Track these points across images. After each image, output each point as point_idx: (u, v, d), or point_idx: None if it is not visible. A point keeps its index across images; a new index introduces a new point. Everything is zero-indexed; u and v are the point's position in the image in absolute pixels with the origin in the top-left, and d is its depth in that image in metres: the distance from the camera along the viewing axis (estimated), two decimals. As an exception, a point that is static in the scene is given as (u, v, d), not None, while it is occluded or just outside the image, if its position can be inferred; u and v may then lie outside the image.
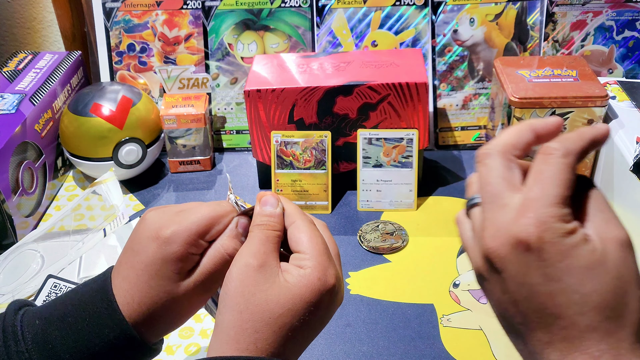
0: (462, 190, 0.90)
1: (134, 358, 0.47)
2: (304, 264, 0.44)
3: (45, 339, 0.45)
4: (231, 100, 1.01)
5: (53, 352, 0.45)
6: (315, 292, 0.43)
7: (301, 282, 0.43)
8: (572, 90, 0.80)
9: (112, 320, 0.46)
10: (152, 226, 0.47)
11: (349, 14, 0.97)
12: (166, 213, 0.48)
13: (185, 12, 0.98)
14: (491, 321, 0.68)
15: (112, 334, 0.46)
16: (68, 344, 0.45)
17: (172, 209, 0.48)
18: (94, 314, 0.46)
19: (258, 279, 0.43)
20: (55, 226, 0.81)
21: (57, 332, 0.45)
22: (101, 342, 0.45)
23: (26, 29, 1.17)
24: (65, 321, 0.46)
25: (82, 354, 0.45)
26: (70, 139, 0.89)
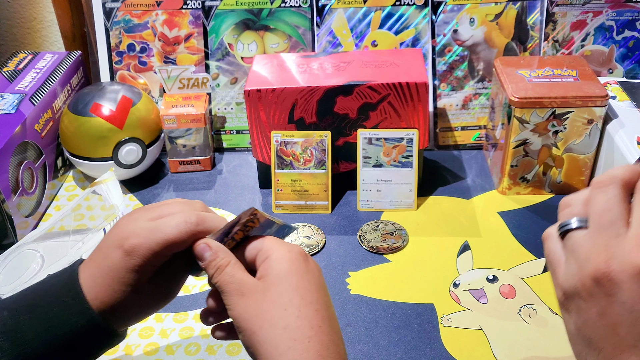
0: (462, 190, 0.90)
1: (102, 343, 0.50)
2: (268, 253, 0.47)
3: (15, 328, 0.47)
4: (231, 100, 1.01)
5: (24, 340, 0.46)
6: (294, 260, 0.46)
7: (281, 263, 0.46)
8: (572, 90, 0.80)
9: (80, 309, 0.48)
10: (120, 234, 0.49)
11: (349, 14, 0.97)
12: (137, 221, 0.50)
13: (185, 12, 0.98)
14: (491, 321, 0.68)
15: (80, 322, 0.47)
16: (38, 332, 0.47)
17: (145, 215, 0.50)
18: (63, 303, 0.48)
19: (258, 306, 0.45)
20: (55, 226, 0.81)
21: (27, 321, 0.47)
22: (71, 330, 0.47)
23: (26, 29, 1.17)
24: (34, 311, 0.48)
25: (53, 341, 0.47)
26: (70, 138, 0.89)
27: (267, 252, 0.47)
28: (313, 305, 0.45)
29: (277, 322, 0.44)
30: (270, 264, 0.46)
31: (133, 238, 0.48)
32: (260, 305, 0.45)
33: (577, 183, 0.87)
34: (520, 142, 0.84)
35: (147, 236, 0.48)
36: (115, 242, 0.49)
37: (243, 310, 0.45)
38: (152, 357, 0.66)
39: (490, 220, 0.84)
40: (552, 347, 0.65)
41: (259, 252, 0.48)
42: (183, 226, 0.48)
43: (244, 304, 0.46)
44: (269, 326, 0.44)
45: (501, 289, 0.72)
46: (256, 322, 0.44)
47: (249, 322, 0.45)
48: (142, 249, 0.48)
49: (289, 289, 0.45)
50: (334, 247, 0.80)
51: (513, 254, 0.78)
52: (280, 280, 0.46)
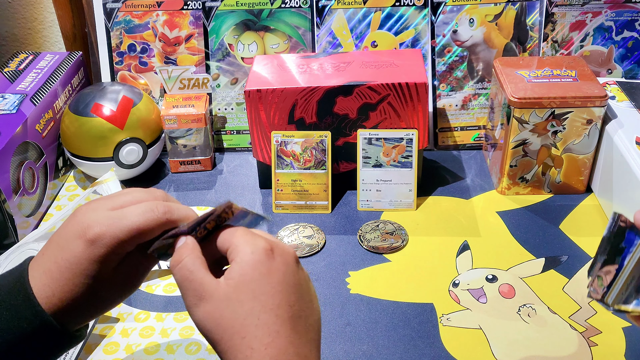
0: (462, 190, 0.90)
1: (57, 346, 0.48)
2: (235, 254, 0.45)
3: None
4: (231, 100, 1.01)
5: None
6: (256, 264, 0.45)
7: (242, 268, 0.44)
8: (572, 91, 0.81)
9: (31, 312, 0.45)
10: (80, 224, 0.46)
11: (349, 15, 0.97)
12: (97, 210, 0.47)
13: (186, 12, 0.98)
14: (490, 320, 0.68)
15: (30, 327, 0.45)
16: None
17: (105, 205, 0.48)
18: (11, 307, 0.45)
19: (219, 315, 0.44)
20: (56, 226, 0.81)
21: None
22: (19, 334, 0.45)
23: (27, 30, 1.17)
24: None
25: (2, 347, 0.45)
26: (71, 139, 0.89)
27: (234, 252, 0.46)
28: (273, 311, 0.44)
29: (237, 332, 0.43)
30: (234, 267, 0.45)
31: (96, 227, 0.46)
32: (221, 314, 0.44)
33: (576, 183, 0.87)
34: (519, 142, 0.84)
35: (112, 224, 0.46)
36: (75, 233, 0.46)
37: (204, 318, 0.44)
38: (153, 356, 0.66)
39: (490, 220, 0.84)
40: (552, 347, 0.65)
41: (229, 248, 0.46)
42: (150, 214, 0.47)
43: (204, 310, 0.44)
44: (229, 337, 0.43)
45: (500, 288, 0.73)
46: (217, 332, 0.44)
47: (211, 333, 0.44)
48: (106, 237, 0.45)
49: (249, 297, 0.44)
50: (334, 247, 0.80)
51: (512, 254, 0.78)
52: (242, 287, 0.44)
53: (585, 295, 0.71)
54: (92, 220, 0.46)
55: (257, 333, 0.43)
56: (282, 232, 0.83)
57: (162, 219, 0.47)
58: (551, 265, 0.76)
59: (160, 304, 0.73)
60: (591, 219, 0.83)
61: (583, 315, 0.69)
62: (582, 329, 0.67)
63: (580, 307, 0.70)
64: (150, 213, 0.47)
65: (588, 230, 0.81)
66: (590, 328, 0.67)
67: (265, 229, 0.84)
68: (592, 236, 0.80)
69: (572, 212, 0.85)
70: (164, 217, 0.47)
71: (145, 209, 0.47)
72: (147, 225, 0.46)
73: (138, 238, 0.47)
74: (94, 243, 0.45)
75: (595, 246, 0.78)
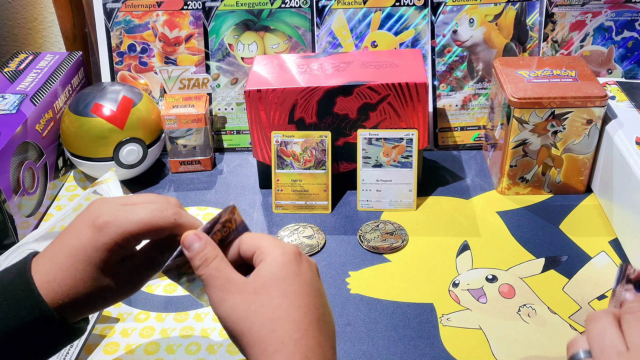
0: (462, 190, 0.90)
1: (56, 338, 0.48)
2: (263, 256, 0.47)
3: None
4: (231, 100, 1.01)
5: None
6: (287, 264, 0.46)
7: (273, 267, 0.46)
8: (572, 91, 0.81)
9: (30, 301, 0.46)
10: (91, 213, 0.48)
11: (349, 15, 0.97)
12: (110, 203, 0.49)
13: (186, 12, 0.98)
14: (490, 320, 0.68)
15: (30, 316, 0.46)
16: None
17: (118, 201, 0.49)
18: (11, 296, 0.46)
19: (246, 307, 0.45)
20: (56, 226, 0.81)
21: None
22: (19, 325, 0.46)
23: (27, 30, 1.17)
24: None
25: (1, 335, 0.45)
26: (71, 139, 0.89)
27: (263, 253, 0.47)
28: (301, 309, 0.45)
29: (266, 325, 0.44)
30: (264, 266, 0.46)
31: (105, 215, 0.47)
32: (248, 307, 0.45)
33: (576, 183, 0.87)
34: (519, 142, 0.84)
35: (121, 215, 0.48)
36: (84, 221, 0.48)
37: (231, 311, 0.45)
38: (153, 356, 0.66)
39: (490, 220, 0.84)
40: (551, 347, 0.65)
41: (257, 251, 0.48)
42: (158, 213, 0.48)
43: (231, 303, 0.45)
44: (257, 329, 0.44)
45: (500, 288, 0.73)
46: (245, 323, 0.45)
47: (238, 324, 0.45)
48: (113, 226, 0.47)
49: (279, 294, 0.45)
50: (334, 247, 0.80)
51: (512, 254, 0.78)
52: (271, 284, 0.46)
53: (584, 296, 0.71)
54: (102, 210, 0.48)
55: (287, 327, 0.44)
56: (282, 232, 0.83)
57: (170, 219, 0.48)
58: (551, 265, 0.76)
59: (160, 304, 0.73)
60: (591, 219, 0.83)
61: (583, 315, 0.69)
62: (582, 329, 0.67)
63: (580, 307, 0.70)
64: (159, 212, 0.48)
65: (588, 230, 0.81)
66: (590, 328, 0.67)
67: (265, 231, 0.84)
68: (592, 236, 0.80)
69: (572, 212, 0.85)
70: (171, 217, 0.49)
71: (155, 207, 0.49)
72: (154, 222, 0.48)
73: (144, 233, 0.48)
74: (100, 230, 0.47)
75: (595, 246, 0.78)
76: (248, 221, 0.86)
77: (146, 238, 0.49)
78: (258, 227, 0.84)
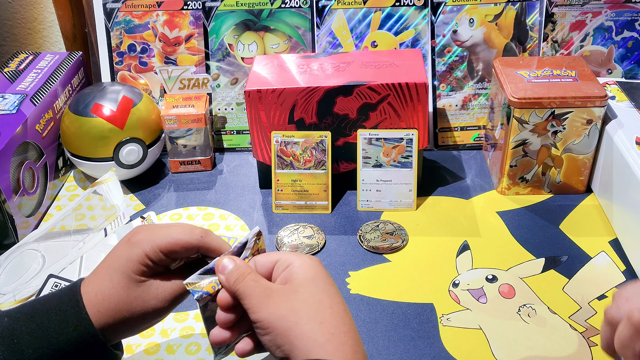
0: (462, 190, 0.90)
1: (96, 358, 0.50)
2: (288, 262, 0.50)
3: (11, 335, 0.48)
4: (231, 100, 1.01)
5: (17, 348, 0.48)
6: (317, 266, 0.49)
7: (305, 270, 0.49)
8: (572, 91, 0.81)
9: (77, 319, 0.49)
10: (129, 234, 0.53)
11: (349, 15, 0.97)
12: (147, 226, 0.54)
13: (186, 12, 0.98)
14: (490, 320, 0.68)
15: (75, 333, 0.49)
16: (33, 340, 0.48)
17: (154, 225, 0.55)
18: (60, 311, 0.49)
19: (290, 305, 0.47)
20: (56, 226, 0.81)
21: (24, 328, 0.48)
22: (65, 339, 0.48)
23: (27, 30, 1.17)
24: (32, 318, 0.49)
25: (45, 349, 0.48)
26: (71, 139, 0.89)
27: (287, 261, 0.50)
28: (340, 305, 0.47)
29: (314, 317, 0.46)
30: (295, 269, 0.49)
31: (140, 234, 0.52)
32: (292, 304, 0.47)
33: (576, 183, 0.87)
34: (519, 142, 0.84)
35: (154, 233, 0.52)
36: (123, 240, 0.53)
37: (273, 311, 0.47)
38: (153, 356, 0.66)
39: (490, 220, 0.84)
40: (551, 347, 0.65)
41: (277, 263, 0.50)
42: (188, 231, 0.52)
43: (273, 305, 0.47)
44: (305, 321, 0.46)
45: (500, 288, 0.73)
46: (291, 319, 0.46)
47: (282, 321, 0.46)
48: (145, 241, 0.51)
49: (318, 291, 0.47)
50: (334, 247, 0.80)
51: (512, 254, 0.78)
52: (309, 282, 0.48)
53: (584, 296, 0.71)
54: (138, 229, 0.53)
55: (333, 320, 0.46)
56: (282, 232, 0.83)
57: (197, 236, 0.52)
58: (551, 265, 0.76)
59: (160, 304, 0.73)
60: (591, 219, 0.83)
61: (583, 315, 0.69)
62: (582, 329, 0.67)
63: (580, 307, 0.70)
64: (189, 231, 0.52)
65: (588, 230, 0.81)
66: (590, 328, 0.67)
67: (265, 231, 0.84)
68: (592, 236, 0.80)
69: (572, 212, 0.85)
70: (199, 236, 0.52)
71: (185, 228, 0.53)
72: (182, 237, 0.52)
73: (173, 249, 0.52)
74: (134, 244, 0.51)
75: (595, 246, 0.78)
76: (248, 221, 0.86)
77: (176, 254, 0.52)
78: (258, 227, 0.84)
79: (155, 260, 0.51)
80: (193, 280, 0.50)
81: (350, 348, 0.45)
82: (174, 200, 0.90)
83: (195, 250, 0.53)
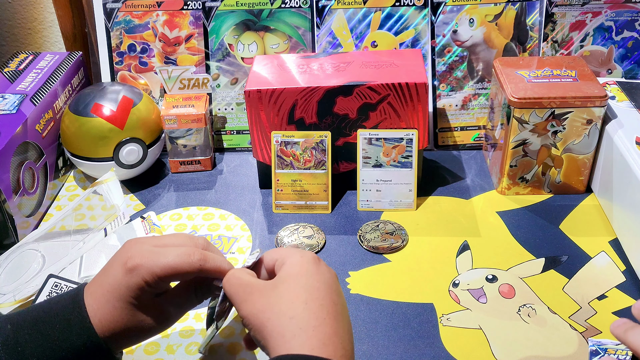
0: (462, 190, 0.90)
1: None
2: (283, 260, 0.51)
3: (15, 343, 0.48)
4: (231, 100, 1.01)
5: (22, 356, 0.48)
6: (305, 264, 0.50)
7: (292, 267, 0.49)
8: (572, 91, 0.81)
9: (81, 327, 0.49)
10: (125, 254, 0.52)
11: (349, 15, 0.97)
12: (142, 244, 0.53)
13: (186, 12, 0.98)
14: (490, 320, 0.68)
15: (79, 341, 0.49)
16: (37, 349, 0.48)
17: (150, 242, 0.53)
18: (64, 320, 0.49)
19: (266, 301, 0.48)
20: (56, 226, 0.81)
21: (28, 336, 0.48)
22: (68, 348, 0.49)
23: (27, 30, 1.17)
24: (36, 326, 0.49)
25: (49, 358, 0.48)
26: (71, 139, 0.89)
27: (283, 258, 0.51)
28: (319, 301, 0.47)
29: (285, 313, 0.46)
30: (284, 267, 0.50)
31: (136, 258, 0.51)
32: (268, 300, 0.47)
33: (576, 183, 0.87)
34: (519, 142, 0.84)
35: (150, 258, 0.51)
36: (119, 261, 0.52)
37: (251, 308, 0.48)
38: (153, 356, 0.66)
39: (490, 220, 0.84)
40: (551, 347, 0.65)
41: (278, 259, 0.51)
42: (186, 257, 0.52)
43: (252, 301, 0.48)
44: (276, 317, 0.46)
45: (500, 288, 0.73)
46: (264, 314, 0.47)
47: (258, 316, 0.47)
48: (143, 269, 0.50)
49: (297, 286, 0.48)
50: (334, 247, 0.80)
51: (512, 254, 0.78)
52: (290, 279, 0.48)
53: (584, 296, 0.71)
54: (134, 252, 0.52)
55: (304, 315, 0.46)
56: (282, 232, 0.83)
57: (196, 265, 0.52)
58: (551, 265, 0.76)
59: (160, 304, 0.73)
60: (591, 219, 0.83)
61: (583, 315, 0.69)
62: (582, 329, 0.67)
63: (580, 307, 0.70)
64: (187, 257, 0.52)
65: (588, 230, 0.81)
66: (590, 328, 0.67)
67: (265, 231, 0.84)
68: (592, 236, 0.80)
69: (572, 212, 0.85)
70: (197, 263, 0.52)
71: (183, 252, 0.52)
72: (181, 266, 0.51)
73: (171, 276, 0.51)
74: (131, 272, 0.51)
75: (595, 246, 0.78)
76: (248, 221, 0.86)
77: (174, 280, 0.53)
78: (258, 227, 0.84)
79: (153, 285, 0.51)
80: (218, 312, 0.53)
81: (318, 342, 0.45)
82: (174, 200, 0.90)
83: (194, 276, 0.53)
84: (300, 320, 0.46)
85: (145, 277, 0.51)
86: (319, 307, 0.47)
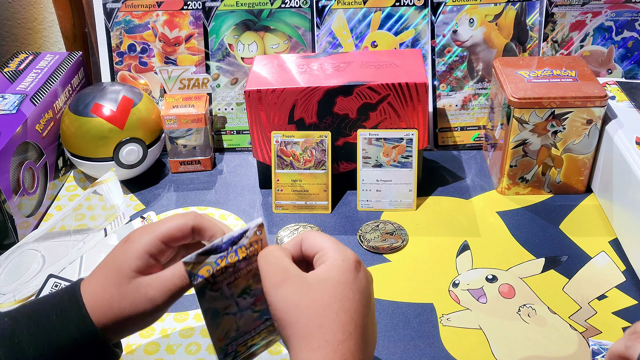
0: (462, 190, 0.90)
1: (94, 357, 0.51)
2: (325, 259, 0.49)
3: (12, 335, 0.48)
4: (231, 100, 1.01)
5: (18, 348, 0.48)
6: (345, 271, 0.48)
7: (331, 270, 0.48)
8: (572, 91, 0.81)
9: (77, 317, 0.49)
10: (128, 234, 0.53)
11: (349, 15, 0.97)
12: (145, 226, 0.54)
13: (186, 12, 0.98)
14: (490, 320, 0.68)
15: (76, 331, 0.49)
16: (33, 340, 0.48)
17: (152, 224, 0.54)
18: (61, 310, 0.50)
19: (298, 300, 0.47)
20: (56, 226, 0.81)
21: (25, 328, 0.49)
22: (65, 338, 0.49)
23: (27, 30, 1.17)
24: (33, 318, 0.49)
25: (46, 348, 0.48)
26: (71, 139, 0.89)
27: (325, 256, 0.50)
28: (350, 313, 0.47)
29: (315, 320, 0.46)
30: (323, 267, 0.49)
31: (136, 232, 0.52)
32: (300, 299, 0.47)
33: (576, 183, 0.87)
34: (519, 142, 0.84)
35: (147, 229, 0.52)
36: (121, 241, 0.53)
37: (282, 299, 0.47)
38: (153, 356, 0.66)
39: (490, 220, 0.84)
40: (551, 347, 0.65)
41: (320, 252, 0.50)
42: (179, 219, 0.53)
43: (284, 292, 0.47)
44: (305, 322, 0.46)
45: (500, 288, 0.73)
46: (294, 315, 0.46)
47: (287, 313, 0.47)
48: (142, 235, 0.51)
49: (332, 294, 0.47)
50: (334, 247, 0.80)
51: (512, 254, 0.78)
52: (327, 284, 0.48)
53: (584, 296, 0.71)
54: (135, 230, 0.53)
55: (333, 327, 0.46)
56: (282, 232, 0.83)
57: (189, 224, 0.52)
58: (551, 265, 0.76)
59: (160, 304, 0.73)
60: (591, 219, 0.83)
61: (583, 315, 0.69)
62: (582, 329, 0.67)
63: (580, 307, 0.70)
64: (181, 219, 0.53)
65: (588, 230, 0.81)
66: (590, 328, 0.67)
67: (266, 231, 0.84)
68: (592, 236, 0.80)
69: (572, 212, 0.85)
70: (191, 222, 0.52)
71: (178, 215, 0.53)
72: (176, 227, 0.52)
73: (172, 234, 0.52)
74: (129, 241, 0.52)
75: (595, 246, 0.78)
76: (248, 221, 0.86)
77: (175, 241, 0.52)
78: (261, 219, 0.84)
79: (155, 251, 0.51)
80: (191, 260, 0.49)
81: (340, 357, 0.45)
82: (174, 200, 0.90)
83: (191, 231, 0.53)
84: (327, 332, 0.45)
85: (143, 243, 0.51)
86: (349, 319, 0.47)
